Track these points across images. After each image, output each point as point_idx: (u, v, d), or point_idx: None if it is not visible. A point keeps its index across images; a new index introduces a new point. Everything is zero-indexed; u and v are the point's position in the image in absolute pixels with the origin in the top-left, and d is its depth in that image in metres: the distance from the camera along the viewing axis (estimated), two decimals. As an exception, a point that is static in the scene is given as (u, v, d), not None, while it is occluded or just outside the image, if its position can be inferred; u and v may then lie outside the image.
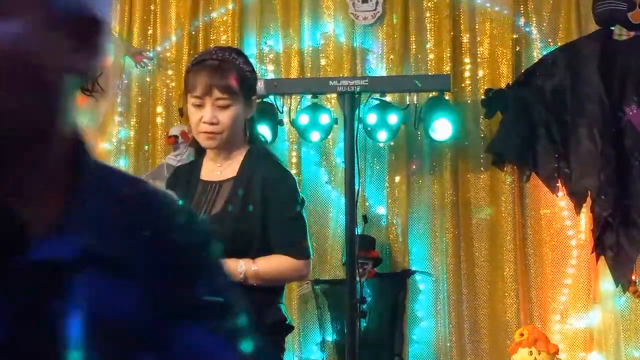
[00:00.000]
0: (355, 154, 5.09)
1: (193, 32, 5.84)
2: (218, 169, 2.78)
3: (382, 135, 5.30)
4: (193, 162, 2.91)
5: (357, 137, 5.12)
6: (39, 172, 0.82)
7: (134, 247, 0.85)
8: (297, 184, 2.82)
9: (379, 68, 5.66)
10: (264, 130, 4.81)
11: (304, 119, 5.28)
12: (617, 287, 5.16)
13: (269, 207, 2.68)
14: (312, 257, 2.78)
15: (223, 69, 2.71)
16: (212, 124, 2.69)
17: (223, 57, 2.74)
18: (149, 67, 5.82)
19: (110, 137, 5.84)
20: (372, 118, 5.24)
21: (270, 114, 5.16)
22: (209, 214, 2.70)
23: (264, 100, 5.05)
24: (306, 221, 2.79)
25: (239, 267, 2.62)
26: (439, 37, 5.58)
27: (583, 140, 5.20)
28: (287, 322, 2.76)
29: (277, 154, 3.42)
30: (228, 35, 5.78)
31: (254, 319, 2.71)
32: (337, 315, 5.27)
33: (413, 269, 5.45)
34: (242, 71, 2.73)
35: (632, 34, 5.23)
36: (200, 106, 2.71)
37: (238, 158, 2.77)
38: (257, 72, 2.93)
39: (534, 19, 5.54)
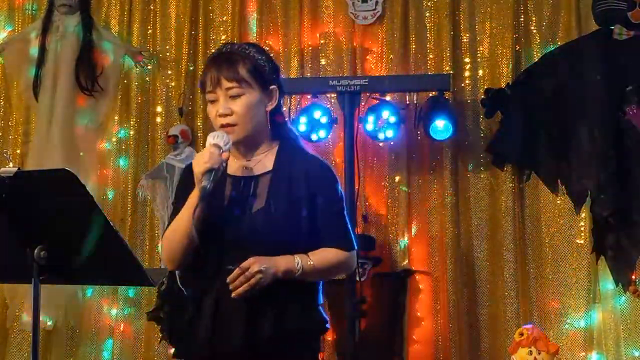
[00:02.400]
0: (355, 154, 5.10)
1: (193, 32, 5.84)
2: (247, 164, 2.72)
3: (382, 135, 5.30)
4: None
5: (357, 137, 5.13)
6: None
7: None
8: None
9: (378, 68, 5.66)
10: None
11: (304, 119, 5.27)
12: (617, 287, 5.17)
13: (316, 201, 2.66)
14: (357, 247, 2.78)
15: (230, 59, 2.67)
16: (226, 115, 2.64)
17: (232, 49, 2.72)
18: (149, 67, 5.82)
19: (110, 137, 5.84)
20: (372, 118, 5.24)
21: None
22: (250, 210, 2.65)
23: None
24: (347, 213, 2.79)
25: (295, 263, 2.59)
26: (439, 37, 5.58)
27: (583, 140, 5.20)
28: (326, 325, 2.74)
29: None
30: (228, 35, 5.78)
31: (299, 324, 2.62)
32: (337, 315, 5.27)
33: (413, 269, 5.45)
34: (252, 59, 2.68)
35: (632, 33, 5.23)
36: (215, 101, 2.67)
37: (270, 151, 2.72)
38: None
39: (534, 18, 5.54)
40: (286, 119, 2.86)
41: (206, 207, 2.58)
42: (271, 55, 2.82)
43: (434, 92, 5.31)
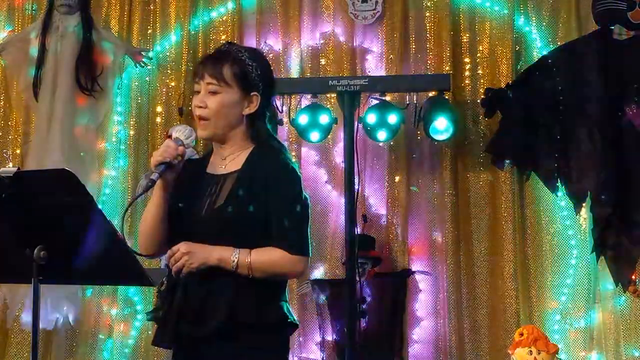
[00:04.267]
0: (355, 154, 5.10)
1: (193, 32, 5.84)
2: (222, 163, 2.80)
3: (382, 135, 5.30)
4: (203, 157, 2.94)
5: (357, 137, 5.13)
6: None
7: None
8: (302, 183, 2.81)
9: (378, 68, 5.66)
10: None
11: (303, 119, 5.28)
12: (617, 287, 5.17)
13: (270, 201, 2.69)
14: (309, 255, 2.76)
15: (219, 58, 2.77)
16: (200, 107, 2.75)
17: (227, 49, 2.81)
18: (149, 67, 5.82)
19: (110, 136, 5.84)
20: (372, 118, 5.23)
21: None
22: (212, 206, 2.72)
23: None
24: (308, 219, 2.79)
25: (232, 255, 2.64)
26: (439, 37, 5.58)
27: (583, 140, 5.20)
28: (289, 320, 2.74)
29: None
30: (228, 35, 5.78)
31: (254, 317, 2.66)
32: (337, 315, 5.27)
33: (413, 269, 5.45)
34: (241, 63, 2.75)
35: (632, 33, 5.24)
36: (198, 92, 2.78)
37: (244, 153, 2.79)
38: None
39: (534, 18, 5.55)
40: (271, 129, 2.89)
41: (179, 201, 2.73)
42: (269, 63, 2.86)
43: (434, 92, 5.31)
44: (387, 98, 5.35)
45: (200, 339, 2.65)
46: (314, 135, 5.31)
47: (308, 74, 5.66)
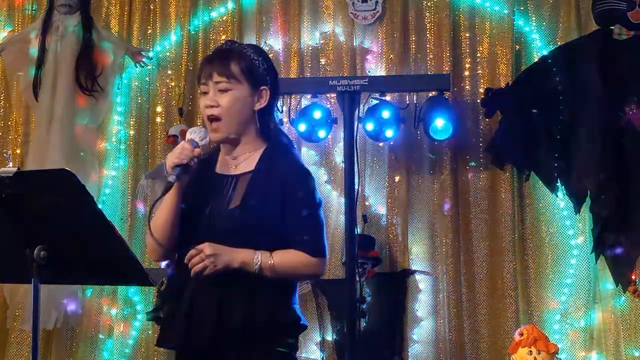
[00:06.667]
0: (355, 154, 5.10)
1: (193, 32, 5.84)
2: (233, 163, 2.79)
3: (382, 135, 5.30)
4: (209, 156, 2.89)
5: (357, 137, 5.13)
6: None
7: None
8: (316, 184, 2.83)
9: (378, 68, 5.66)
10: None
11: (303, 119, 5.28)
12: (616, 287, 5.17)
13: (287, 203, 2.70)
14: (327, 256, 2.80)
15: (225, 55, 2.76)
16: (212, 106, 2.72)
17: (231, 47, 2.80)
18: (149, 67, 5.82)
19: (110, 136, 5.84)
20: (372, 118, 5.24)
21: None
22: (227, 207, 2.71)
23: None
24: (323, 221, 2.81)
25: (255, 257, 2.64)
26: (439, 37, 5.58)
27: (583, 140, 5.20)
28: (301, 322, 2.77)
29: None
30: (227, 35, 5.78)
31: (270, 321, 2.66)
32: (337, 315, 5.27)
33: (413, 268, 5.45)
34: (247, 58, 2.75)
35: (632, 33, 5.23)
36: (206, 93, 2.76)
37: (256, 152, 2.78)
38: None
39: (534, 18, 5.55)
40: (278, 123, 2.90)
41: (187, 202, 2.71)
42: (271, 58, 2.86)
43: (434, 92, 5.31)
44: (387, 98, 5.35)
45: (213, 342, 2.64)
46: (314, 135, 5.31)
47: (308, 74, 5.66)
